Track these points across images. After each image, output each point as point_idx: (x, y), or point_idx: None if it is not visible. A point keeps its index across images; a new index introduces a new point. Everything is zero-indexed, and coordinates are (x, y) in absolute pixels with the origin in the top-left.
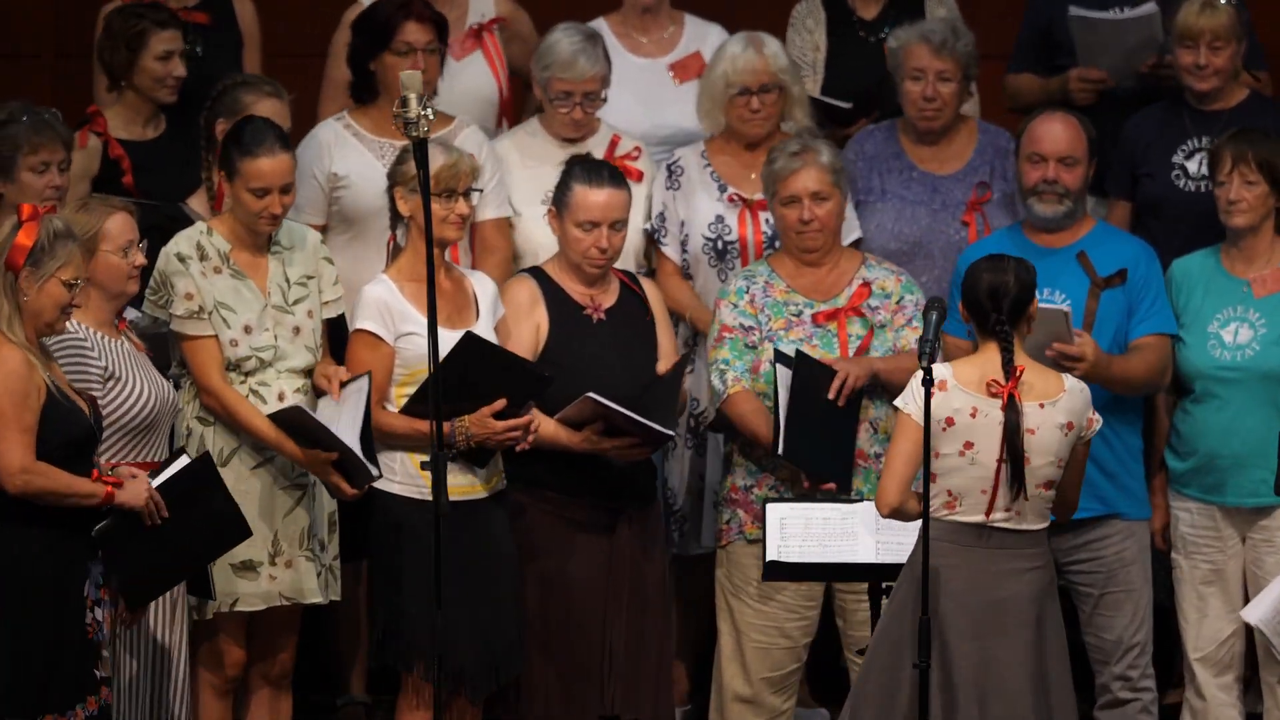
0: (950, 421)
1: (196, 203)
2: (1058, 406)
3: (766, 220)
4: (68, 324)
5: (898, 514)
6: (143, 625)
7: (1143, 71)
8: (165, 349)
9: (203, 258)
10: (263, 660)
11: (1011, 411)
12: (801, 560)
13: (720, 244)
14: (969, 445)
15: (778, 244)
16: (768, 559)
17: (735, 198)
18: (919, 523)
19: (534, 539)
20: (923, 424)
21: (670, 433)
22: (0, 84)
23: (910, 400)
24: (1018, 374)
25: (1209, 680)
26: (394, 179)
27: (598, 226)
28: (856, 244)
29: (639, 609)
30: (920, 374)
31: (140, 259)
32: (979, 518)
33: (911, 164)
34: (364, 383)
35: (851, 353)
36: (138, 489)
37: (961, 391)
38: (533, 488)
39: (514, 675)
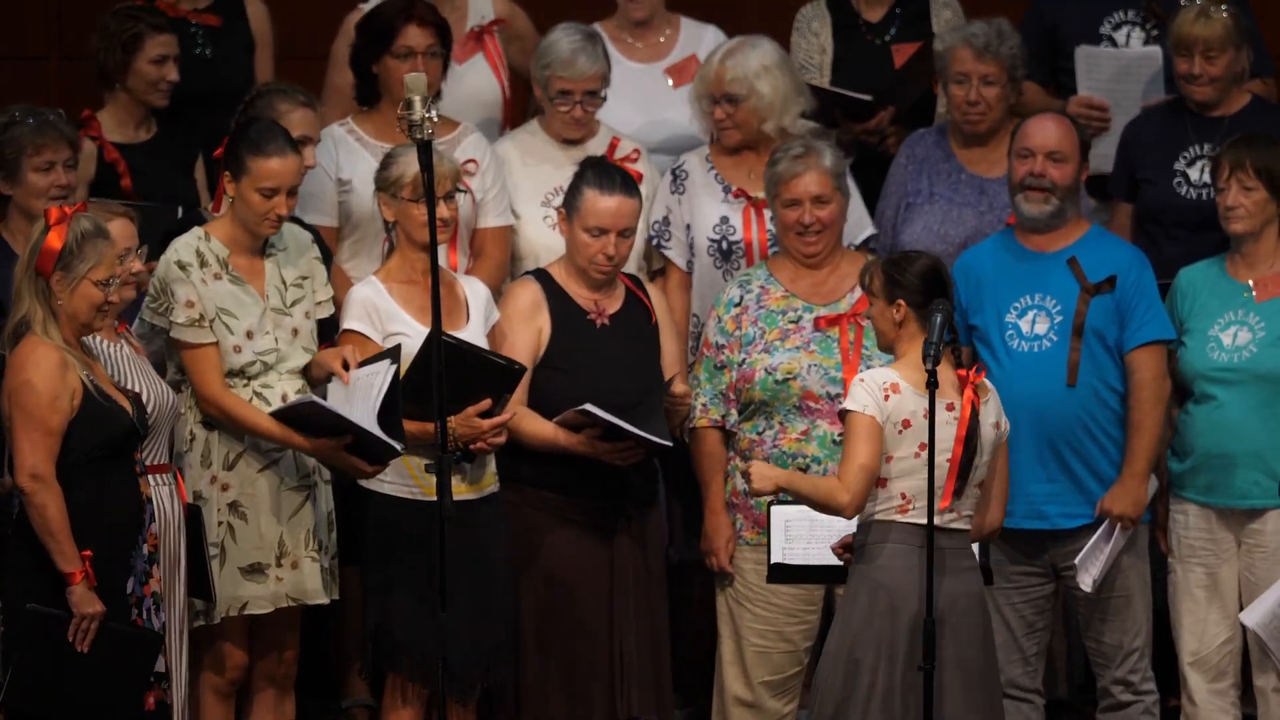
0: (907, 424)
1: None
2: (989, 405)
3: (772, 219)
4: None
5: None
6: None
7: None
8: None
9: (202, 264)
10: (266, 661)
11: (972, 405)
12: (805, 563)
13: (725, 244)
14: (923, 446)
15: None
16: (772, 561)
17: (741, 193)
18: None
19: (533, 540)
20: (881, 423)
21: (667, 443)
22: (5, 86)
23: (870, 403)
24: (976, 370)
25: (1201, 685)
26: (376, 185)
27: (606, 233)
28: (869, 242)
29: (646, 610)
30: (876, 377)
31: (136, 265)
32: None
33: (960, 166)
34: (384, 364)
35: (852, 358)
36: (91, 603)
37: (914, 394)
38: (532, 488)
39: (500, 677)
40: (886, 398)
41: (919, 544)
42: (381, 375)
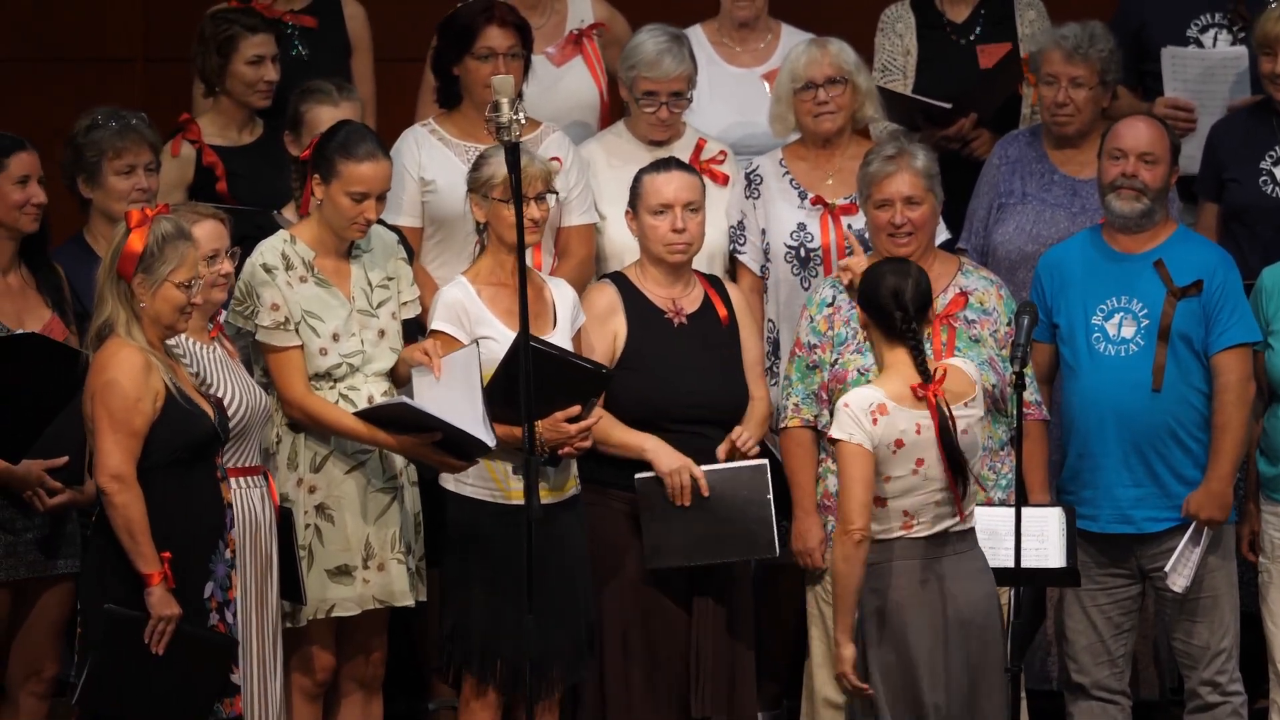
0: (900, 443)
1: (290, 214)
2: (976, 402)
3: (849, 225)
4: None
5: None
6: (241, 634)
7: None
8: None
9: (288, 267)
10: (353, 663)
11: (940, 414)
12: None
13: (803, 251)
14: (920, 462)
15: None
16: None
17: (819, 200)
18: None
19: (613, 541)
20: (871, 449)
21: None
22: (91, 88)
23: (856, 430)
24: (938, 376)
25: None
26: (468, 186)
27: (670, 209)
28: (948, 245)
29: (724, 611)
30: (861, 401)
31: (227, 267)
32: (937, 528)
33: (1053, 167)
34: (472, 354)
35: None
36: (169, 605)
37: (903, 411)
38: (612, 489)
39: (580, 678)
40: (875, 421)
41: (925, 556)
42: (473, 363)
